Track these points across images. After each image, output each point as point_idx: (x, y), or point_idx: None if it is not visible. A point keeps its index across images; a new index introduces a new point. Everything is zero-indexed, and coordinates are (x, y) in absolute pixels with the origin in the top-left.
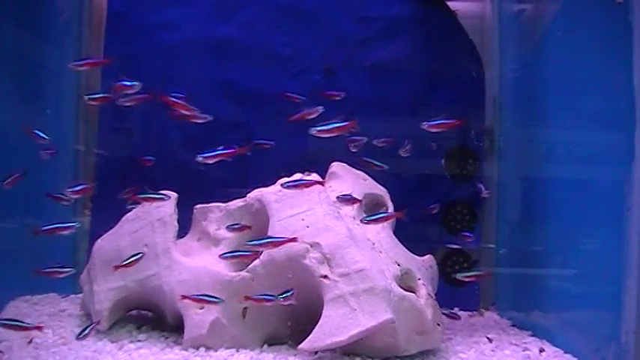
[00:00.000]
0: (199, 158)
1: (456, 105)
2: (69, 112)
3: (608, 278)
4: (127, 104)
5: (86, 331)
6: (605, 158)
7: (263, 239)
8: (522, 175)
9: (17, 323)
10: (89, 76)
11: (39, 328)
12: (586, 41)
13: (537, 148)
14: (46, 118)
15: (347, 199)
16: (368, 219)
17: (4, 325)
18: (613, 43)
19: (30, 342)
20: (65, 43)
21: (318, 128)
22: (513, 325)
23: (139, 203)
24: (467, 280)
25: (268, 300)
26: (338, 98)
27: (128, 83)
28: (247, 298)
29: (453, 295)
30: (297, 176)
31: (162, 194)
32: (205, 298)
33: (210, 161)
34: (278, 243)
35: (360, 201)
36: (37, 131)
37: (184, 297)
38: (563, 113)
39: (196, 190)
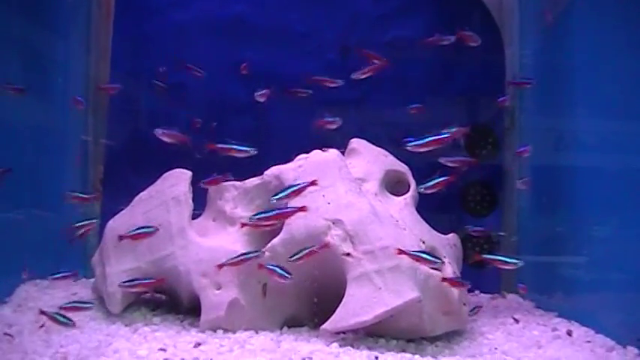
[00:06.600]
0: None
1: (475, 83)
2: None
3: None
4: None
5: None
6: (631, 142)
7: (271, 211)
8: (543, 155)
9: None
10: (98, 66)
11: None
12: (609, 18)
13: (558, 127)
14: (54, 109)
15: None
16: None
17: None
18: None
19: (42, 326)
20: (74, 25)
21: None
22: (538, 307)
23: None
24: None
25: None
26: None
27: None
28: (260, 266)
29: (474, 277)
30: (316, 152)
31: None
32: None
33: None
34: (287, 214)
35: None
36: None
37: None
38: (585, 92)
39: (208, 171)
